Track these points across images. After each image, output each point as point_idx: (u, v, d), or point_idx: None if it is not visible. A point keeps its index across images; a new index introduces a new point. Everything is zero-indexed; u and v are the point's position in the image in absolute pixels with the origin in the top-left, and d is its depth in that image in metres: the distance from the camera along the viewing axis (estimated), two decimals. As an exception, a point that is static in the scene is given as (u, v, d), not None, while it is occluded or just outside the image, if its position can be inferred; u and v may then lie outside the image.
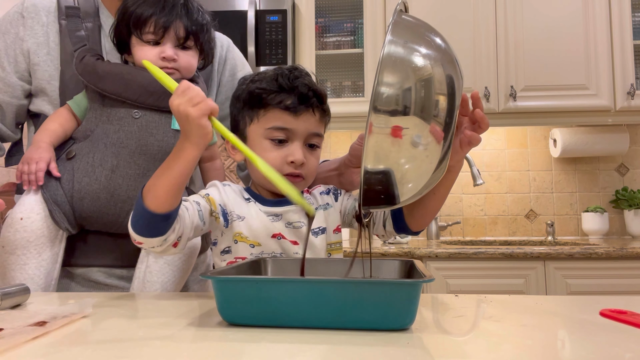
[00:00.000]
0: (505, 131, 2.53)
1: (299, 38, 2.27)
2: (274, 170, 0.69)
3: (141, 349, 0.49)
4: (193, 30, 0.91)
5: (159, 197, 0.68)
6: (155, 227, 0.70)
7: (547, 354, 0.48)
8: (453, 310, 0.66)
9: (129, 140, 0.88)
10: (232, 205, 0.83)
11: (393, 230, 0.90)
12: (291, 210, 0.85)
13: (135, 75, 0.89)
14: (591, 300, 0.72)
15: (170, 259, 0.92)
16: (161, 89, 0.88)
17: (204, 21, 0.94)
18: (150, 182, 0.69)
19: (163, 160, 0.86)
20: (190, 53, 0.93)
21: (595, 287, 1.84)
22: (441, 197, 0.83)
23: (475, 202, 2.52)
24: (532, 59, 2.20)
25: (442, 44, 0.60)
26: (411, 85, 0.55)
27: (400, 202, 0.62)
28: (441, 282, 1.88)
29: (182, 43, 0.91)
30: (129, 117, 0.89)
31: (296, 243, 0.83)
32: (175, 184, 0.68)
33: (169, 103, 0.69)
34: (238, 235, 0.82)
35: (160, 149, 0.90)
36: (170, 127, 0.91)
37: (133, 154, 0.88)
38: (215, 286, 0.57)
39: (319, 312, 0.55)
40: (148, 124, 0.89)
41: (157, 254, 0.75)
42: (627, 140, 2.35)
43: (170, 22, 0.89)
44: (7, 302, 0.66)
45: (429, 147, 0.56)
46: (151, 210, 0.68)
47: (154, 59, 0.89)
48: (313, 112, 0.84)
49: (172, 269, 0.92)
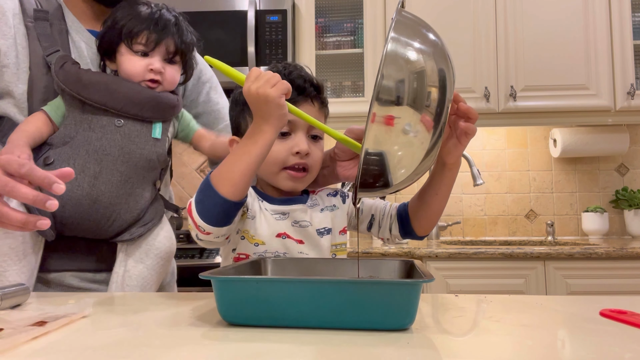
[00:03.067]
0: (505, 131, 2.53)
1: (299, 38, 2.27)
2: (339, 133, 0.75)
3: (141, 349, 0.49)
4: (182, 48, 0.95)
5: (236, 183, 0.68)
6: (229, 215, 0.70)
7: (547, 354, 0.48)
8: (453, 310, 0.66)
9: (112, 148, 0.89)
10: (250, 202, 0.84)
11: (399, 234, 0.91)
12: (298, 209, 0.85)
13: (120, 86, 0.91)
14: (591, 300, 0.72)
15: (150, 263, 0.94)
16: (145, 100, 0.91)
17: (192, 41, 0.98)
18: (223, 169, 0.69)
19: (144, 167, 0.92)
20: (175, 68, 0.96)
21: (595, 287, 1.84)
22: (443, 197, 0.84)
23: (475, 202, 2.52)
24: (532, 59, 2.20)
25: (437, 41, 0.65)
26: (408, 78, 0.61)
27: (394, 183, 0.66)
28: (441, 282, 1.88)
29: (170, 58, 0.95)
30: (112, 126, 0.90)
31: (301, 242, 0.84)
32: (252, 168, 0.69)
33: (244, 91, 0.70)
34: (245, 232, 0.82)
35: (142, 156, 0.91)
36: (151, 136, 0.93)
37: (116, 161, 0.89)
38: (215, 286, 0.57)
39: (319, 312, 0.55)
40: (130, 133, 0.91)
41: (210, 245, 0.76)
42: (627, 140, 2.35)
43: (163, 37, 0.92)
44: (7, 302, 0.66)
45: (420, 135, 0.62)
46: (228, 197, 0.68)
47: (142, 70, 0.91)
48: (312, 102, 0.85)
49: (151, 273, 0.94)
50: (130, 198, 0.91)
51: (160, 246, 0.96)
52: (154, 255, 0.95)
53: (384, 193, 0.69)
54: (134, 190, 0.92)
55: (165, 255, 0.97)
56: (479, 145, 2.54)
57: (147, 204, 0.96)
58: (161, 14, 0.93)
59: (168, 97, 0.95)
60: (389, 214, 0.92)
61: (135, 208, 0.93)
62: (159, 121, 0.95)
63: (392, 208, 0.92)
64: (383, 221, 0.92)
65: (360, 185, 0.66)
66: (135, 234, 0.93)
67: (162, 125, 0.95)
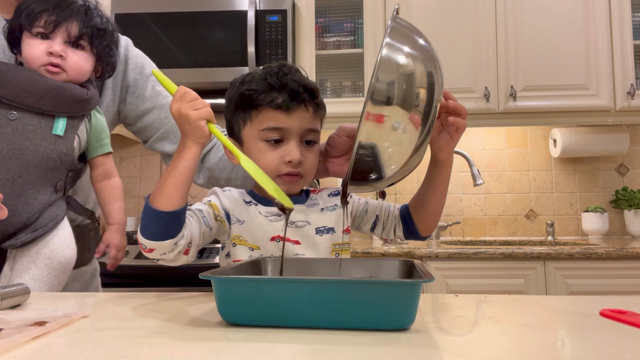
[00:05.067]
0: (505, 131, 2.53)
1: (299, 38, 2.27)
2: (258, 168, 0.74)
3: (141, 349, 0.49)
4: (87, 31, 0.87)
5: (167, 194, 0.69)
6: (167, 228, 0.70)
7: (547, 354, 0.48)
8: (453, 310, 0.66)
9: (0, 143, 0.81)
10: (232, 209, 0.83)
11: (402, 235, 0.91)
12: (295, 209, 0.85)
13: (16, 74, 0.82)
14: (591, 300, 0.72)
15: (38, 274, 0.85)
16: (43, 90, 0.83)
17: (103, 26, 0.91)
18: (156, 186, 0.71)
19: (37, 165, 0.85)
20: (83, 55, 0.88)
21: (595, 287, 1.84)
22: (441, 194, 0.85)
23: (475, 202, 2.52)
24: (532, 59, 2.20)
25: (427, 46, 0.71)
26: (398, 80, 0.67)
27: (385, 177, 0.71)
28: (441, 282, 1.88)
29: (74, 42, 0.87)
30: (4, 119, 0.81)
31: (298, 243, 0.84)
32: (182, 180, 0.71)
33: (169, 108, 0.71)
34: (237, 239, 0.82)
35: (37, 154, 0.83)
36: (51, 132, 0.85)
37: (4, 158, 0.81)
38: (215, 286, 0.57)
39: (319, 312, 0.55)
40: (25, 127, 0.82)
41: (168, 263, 0.75)
42: (627, 140, 2.35)
43: (64, 18, 0.85)
44: (7, 302, 0.66)
45: (409, 132, 0.67)
46: (161, 209, 0.69)
47: (40, 53, 0.84)
48: (306, 107, 0.83)
49: (39, 285, 0.85)
50: (19, 199, 0.83)
51: (51, 255, 0.87)
52: (44, 265, 0.86)
53: (376, 188, 0.74)
54: (25, 192, 0.84)
55: (57, 266, 0.87)
56: (479, 145, 2.54)
57: (41, 207, 0.87)
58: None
59: (74, 89, 0.86)
60: (393, 215, 0.92)
61: (24, 211, 0.84)
62: (64, 116, 0.86)
63: (395, 209, 0.92)
64: (388, 222, 0.92)
65: (350, 179, 0.70)
66: (21, 240, 0.84)
67: (68, 122, 0.86)
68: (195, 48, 2.14)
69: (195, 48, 2.14)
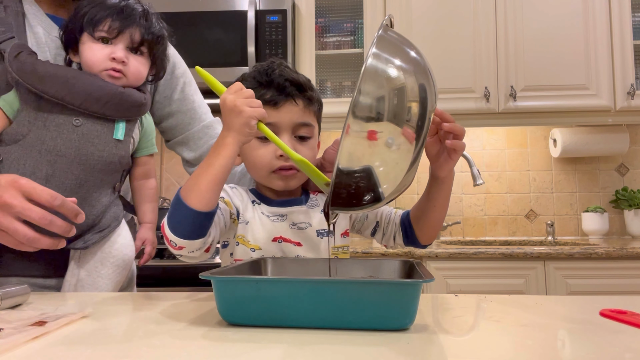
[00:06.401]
0: (505, 131, 2.53)
1: (299, 38, 2.27)
2: (312, 166, 0.74)
3: (141, 349, 0.49)
4: (148, 38, 0.88)
5: (202, 194, 0.68)
6: (200, 227, 0.69)
7: (547, 354, 0.48)
8: (453, 310, 0.66)
9: (67, 149, 0.82)
10: (242, 208, 0.84)
11: (402, 243, 0.91)
12: (296, 210, 0.85)
13: (80, 80, 0.83)
14: (591, 300, 0.72)
15: (105, 272, 0.88)
16: (107, 96, 0.84)
17: (161, 33, 0.92)
18: (190, 182, 0.69)
19: (102, 170, 0.86)
20: (142, 60, 0.90)
21: (595, 287, 1.84)
22: (441, 208, 0.84)
23: (475, 202, 2.52)
24: (532, 59, 2.20)
25: (418, 58, 0.65)
26: (386, 95, 0.60)
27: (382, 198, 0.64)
28: (441, 282, 1.88)
29: (136, 47, 0.88)
30: (69, 125, 0.82)
31: (300, 244, 0.83)
32: (218, 179, 0.69)
33: (221, 99, 0.70)
34: (240, 238, 0.82)
35: (101, 159, 0.85)
36: (113, 137, 0.86)
37: (71, 163, 0.83)
38: (215, 286, 0.57)
39: (319, 312, 0.55)
40: (89, 133, 0.84)
41: (190, 260, 0.75)
42: (627, 140, 2.35)
43: (127, 25, 0.86)
44: (7, 302, 0.66)
45: (401, 150, 0.61)
46: (196, 209, 0.68)
47: (103, 58, 0.85)
48: (295, 101, 0.82)
49: (106, 283, 0.88)
50: (85, 203, 0.84)
51: (117, 254, 0.90)
52: (110, 264, 0.89)
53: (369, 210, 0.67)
54: (90, 195, 0.86)
55: (122, 264, 0.91)
56: (479, 145, 2.54)
57: (103, 209, 0.89)
58: (127, 4, 0.87)
59: (133, 94, 0.88)
60: (393, 222, 0.91)
61: (90, 214, 0.86)
62: (123, 120, 0.88)
63: (396, 216, 0.92)
64: (388, 228, 0.91)
65: (332, 201, 0.64)
66: (90, 242, 0.87)
67: (126, 126, 0.88)
68: (195, 48, 2.13)
69: (195, 48, 2.13)
